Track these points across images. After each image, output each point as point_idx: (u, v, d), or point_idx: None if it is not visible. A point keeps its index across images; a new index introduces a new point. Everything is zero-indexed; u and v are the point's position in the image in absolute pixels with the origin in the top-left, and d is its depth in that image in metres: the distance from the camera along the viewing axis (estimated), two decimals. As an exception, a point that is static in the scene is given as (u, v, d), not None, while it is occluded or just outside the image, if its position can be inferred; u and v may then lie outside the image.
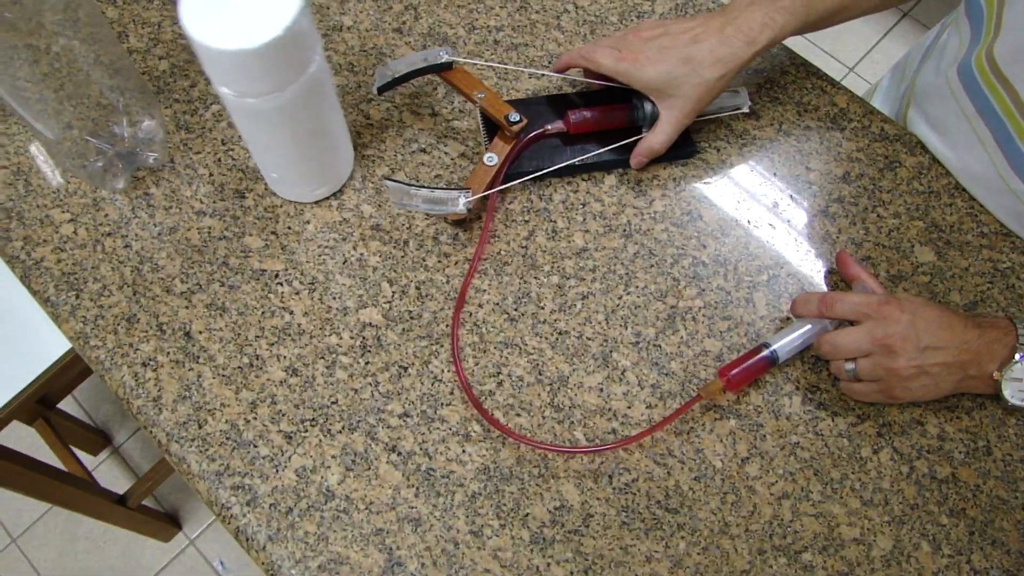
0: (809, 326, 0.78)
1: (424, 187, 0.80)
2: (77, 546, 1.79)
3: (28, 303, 1.12)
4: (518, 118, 0.85)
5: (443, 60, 0.86)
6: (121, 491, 1.55)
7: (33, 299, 1.10)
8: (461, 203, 0.80)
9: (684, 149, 0.89)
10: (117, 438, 1.89)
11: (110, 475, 1.85)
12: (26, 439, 1.55)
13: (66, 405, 1.90)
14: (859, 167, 0.90)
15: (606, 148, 0.88)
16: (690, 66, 0.80)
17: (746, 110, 0.90)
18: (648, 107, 0.85)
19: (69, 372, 1.16)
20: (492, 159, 0.84)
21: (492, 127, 0.88)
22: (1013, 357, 0.72)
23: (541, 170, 0.87)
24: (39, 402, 1.51)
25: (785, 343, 0.78)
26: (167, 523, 1.76)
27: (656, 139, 0.84)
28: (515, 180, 0.87)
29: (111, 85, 0.82)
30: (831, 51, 2.12)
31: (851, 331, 0.75)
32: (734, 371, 0.76)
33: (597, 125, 0.88)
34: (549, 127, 0.87)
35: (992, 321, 0.74)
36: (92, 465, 1.85)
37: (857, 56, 2.15)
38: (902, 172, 0.89)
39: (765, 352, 0.77)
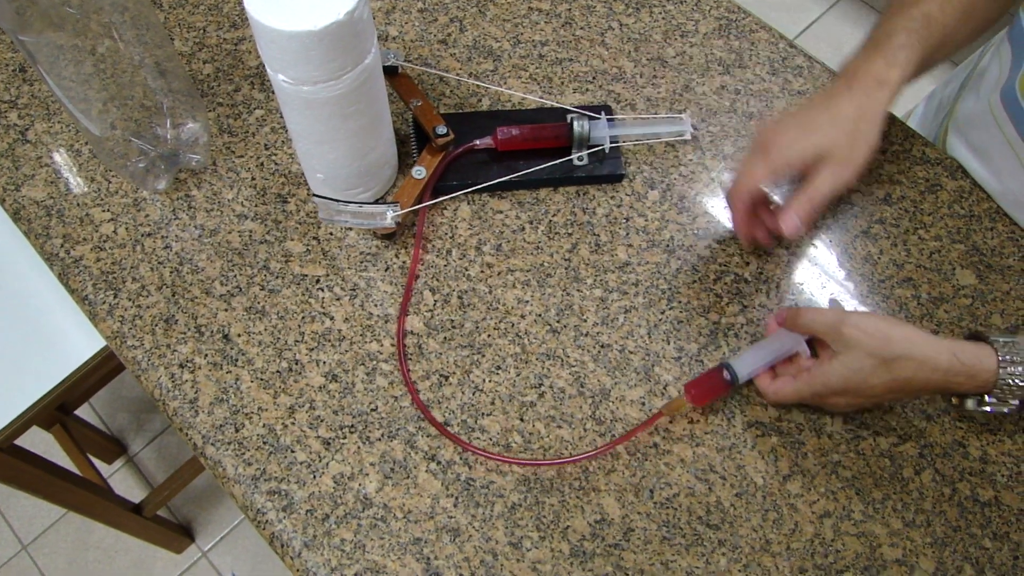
0: (778, 343, 0.77)
1: (352, 202, 0.80)
2: (88, 555, 1.77)
3: (54, 307, 1.12)
4: (445, 131, 0.85)
5: (389, 63, 0.87)
6: (134, 500, 1.54)
7: (59, 303, 1.11)
8: (389, 217, 0.80)
9: (612, 174, 0.89)
10: (132, 447, 1.88)
11: (124, 484, 1.84)
12: (42, 444, 1.55)
13: (82, 412, 1.89)
14: (900, 189, 0.89)
15: (534, 168, 0.87)
16: (837, 126, 0.76)
17: (688, 136, 0.91)
18: (577, 127, 0.85)
19: (89, 379, 1.15)
20: (420, 172, 0.85)
21: (424, 139, 0.88)
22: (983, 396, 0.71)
23: (469, 185, 0.87)
24: (58, 408, 1.51)
25: (745, 360, 0.77)
26: (180, 534, 1.74)
27: (818, 191, 0.76)
28: (444, 196, 0.87)
29: (157, 87, 0.82)
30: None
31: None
32: (698, 388, 0.77)
33: (525, 143, 0.88)
34: (478, 142, 0.88)
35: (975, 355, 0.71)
36: (107, 473, 1.84)
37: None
38: (943, 195, 0.89)
39: (726, 373, 0.77)
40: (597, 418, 0.77)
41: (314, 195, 0.79)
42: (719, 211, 0.88)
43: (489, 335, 0.81)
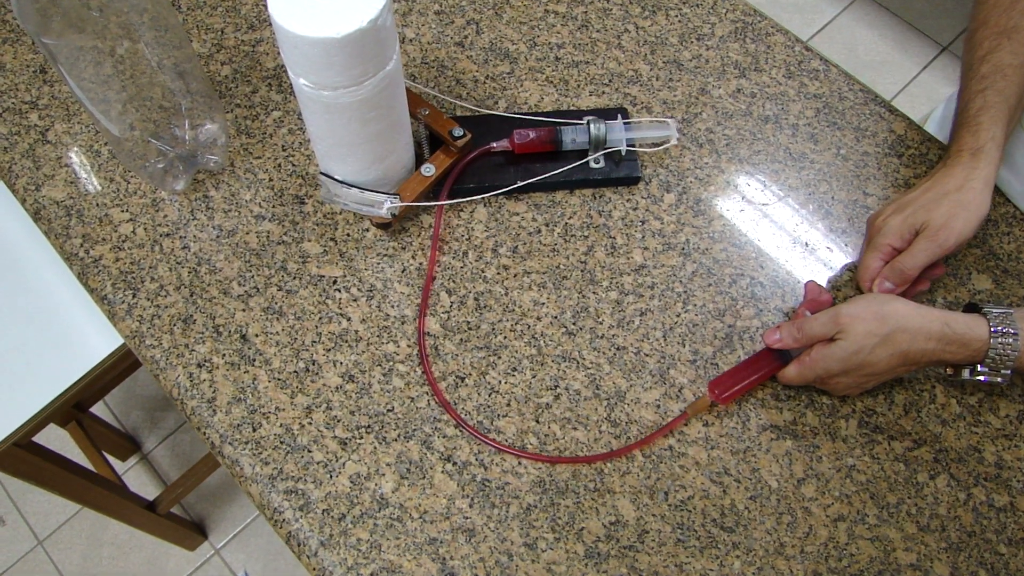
0: None
1: (355, 187, 0.81)
2: (102, 551, 1.78)
3: (72, 306, 1.12)
4: (462, 133, 0.86)
5: None
6: (148, 497, 1.55)
7: (77, 302, 1.12)
8: (385, 207, 0.81)
9: (629, 177, 0.89)
10: (146, 445, 1.89)
11: (138, 481, 1.85)
12: (57, 441, 1.56)
13: (97, 410, 1.90)
14: (916, 193, 0.89)
15: (550, 171, 0.88)
16: (935, 200, 0.78)
17: (674, 142, 0.91)
18: (594, 130, 0.86)
19: (105, 377, 1.16)
20: (429, 169, 0.85)
21: (437, 144, 0.88)
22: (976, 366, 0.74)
23: (486, 188, 0.87)
24: (74, 406, 1.52)
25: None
26: (193, 531, 1.75)
27: (913, 260, 0.78)
28: (461, 198, 0.88)
29: (175, 88, 0.83)
30: (870, 83, 2.13)
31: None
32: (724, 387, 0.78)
33: (542, 146, 0.88)
34: (494, 145, 0.88)
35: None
36: (121, 470, 1.85)
37: (895, 89, 2.15)
38: (959, 200, 0.89)
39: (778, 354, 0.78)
40: (612, 420, 0.78)
41: (321, 173, 0.80)
42: (735, 214, 0.88)
43: (505, 337, 0.81)
